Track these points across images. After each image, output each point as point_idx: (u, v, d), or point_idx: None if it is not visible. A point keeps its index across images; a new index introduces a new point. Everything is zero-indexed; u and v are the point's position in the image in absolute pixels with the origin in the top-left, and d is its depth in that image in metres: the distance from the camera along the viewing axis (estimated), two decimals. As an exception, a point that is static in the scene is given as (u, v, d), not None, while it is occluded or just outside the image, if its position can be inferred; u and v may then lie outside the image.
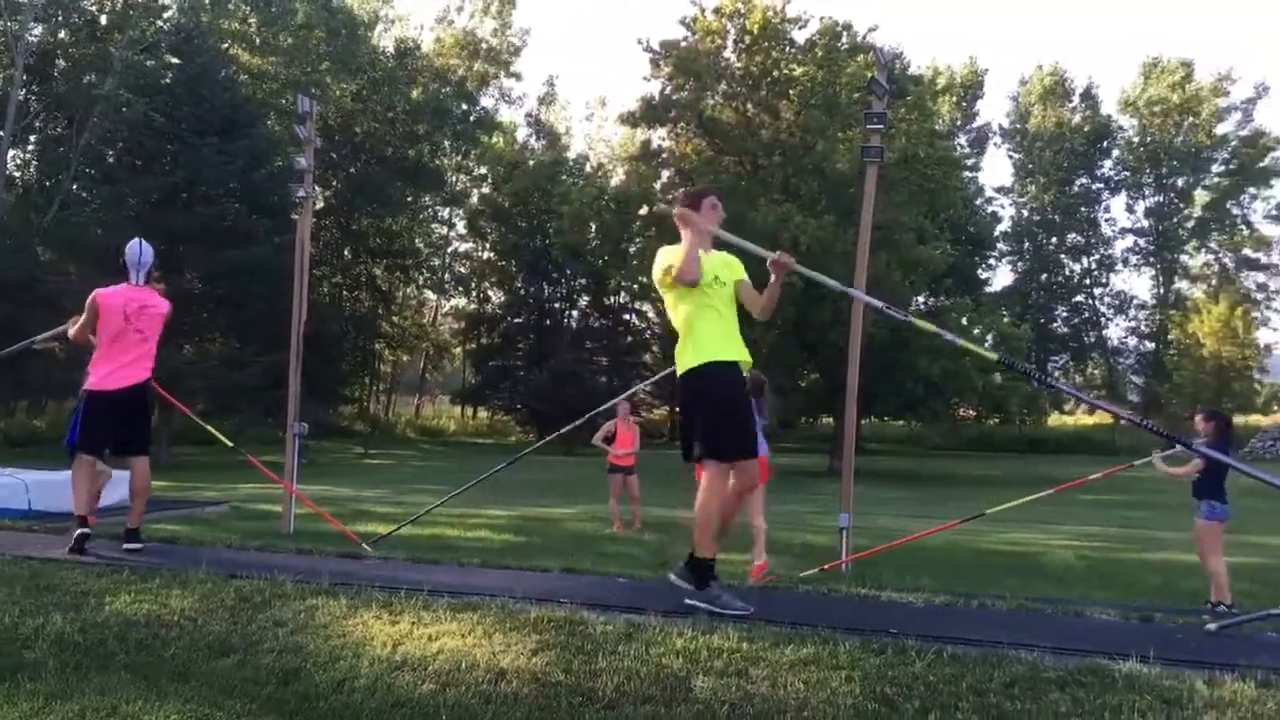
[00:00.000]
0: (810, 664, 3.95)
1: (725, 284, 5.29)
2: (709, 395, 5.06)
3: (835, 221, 30.45)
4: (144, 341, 6.65)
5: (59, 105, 33.63)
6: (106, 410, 6.52)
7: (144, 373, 6.68)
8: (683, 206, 5.43)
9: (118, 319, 6.54)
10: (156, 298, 6.77)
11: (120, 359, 6.55)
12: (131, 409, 6.67)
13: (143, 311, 6.63)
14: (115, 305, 6.56)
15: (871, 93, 9.92)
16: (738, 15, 33.57)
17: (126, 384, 6.58)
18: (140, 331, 6.61)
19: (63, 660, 4.21)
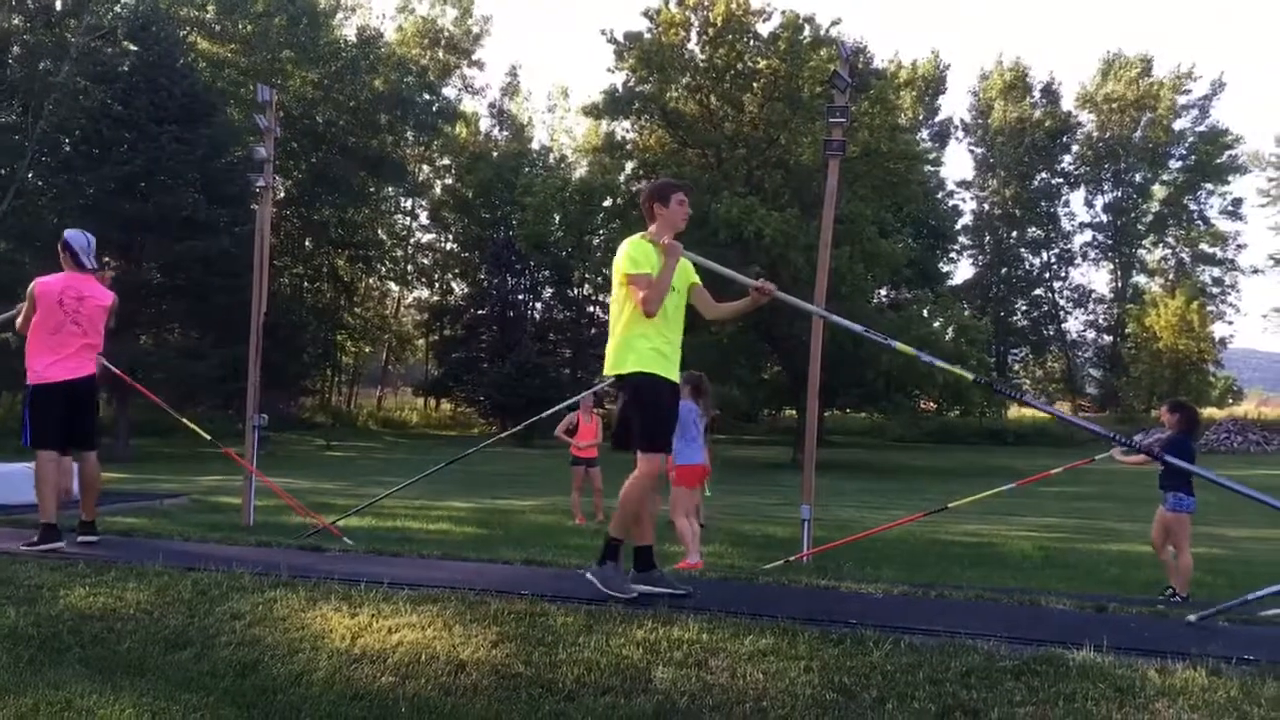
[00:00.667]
0: (769, 654, 3.97)
1: (677, 290, 5.29)
2: (639, 401, 5.12)
3: (798, 214, 30.57)
4: (84, 334, 6.48)
5: (13, 92, 33.06)
6: (53, 403, 6.39)
7: (89, 366, 6.54)
8: (650, 199, 5.42)
9: (55, 310, 6.38)
10: (99, 288, 6.60)
11: (61, 350, 6.39)
12: (79, 402, 6.53)
13: (81, 302, 6.46)
14: (51, 295, 6.39)
15: (834, 87, 9.94)
16: (701, 7, 33.56)
17: (71, 376, 6.43)
18: (78, 324, 6.44)
19: (16, 654, 4.16)
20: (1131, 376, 49.95)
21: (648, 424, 5.09)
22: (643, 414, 5.10)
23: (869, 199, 31.96)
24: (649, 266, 5.11)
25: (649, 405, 5.11)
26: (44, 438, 6.39)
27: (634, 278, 5.09)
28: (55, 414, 6.40)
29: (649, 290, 5.05)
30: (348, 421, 48.98)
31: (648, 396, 5.11)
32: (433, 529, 11.27)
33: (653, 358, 5.12)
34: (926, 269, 44.78)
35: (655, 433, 5.11)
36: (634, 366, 5.10)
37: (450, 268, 54.84)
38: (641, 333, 5.13)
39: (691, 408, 8.62)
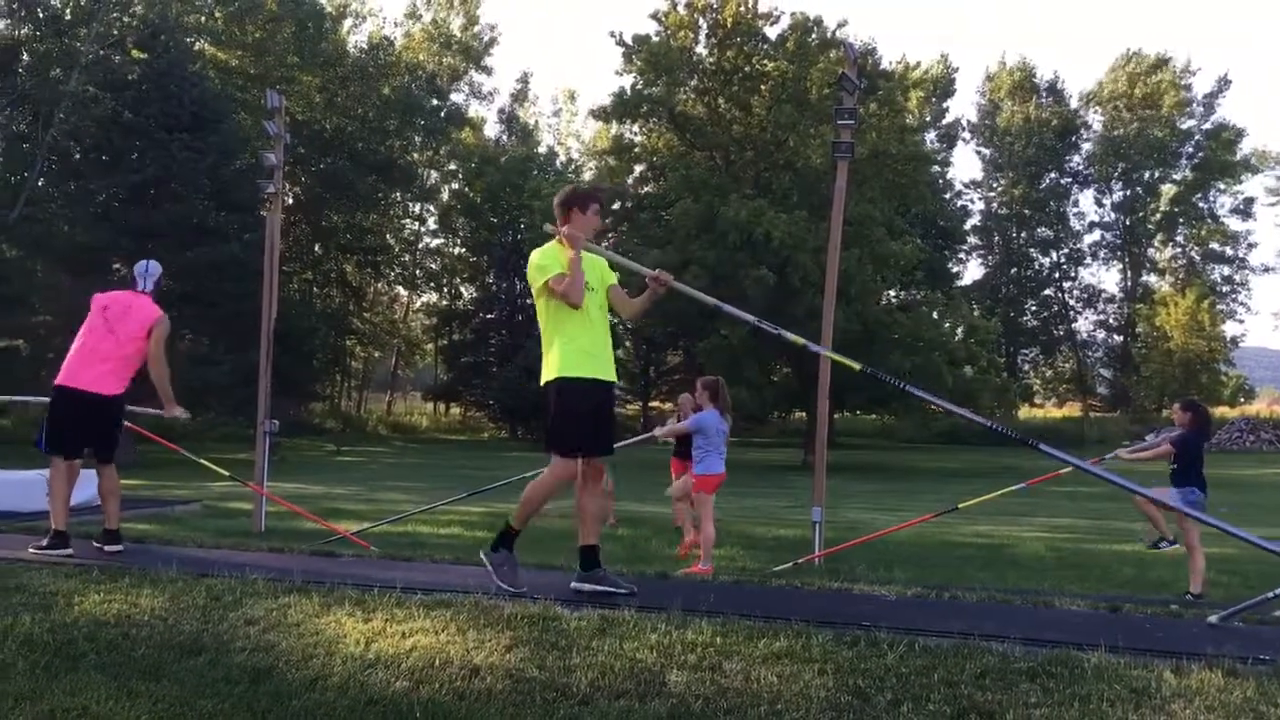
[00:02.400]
0: (783, 657, 3.97)
1: (595, 290, 5.40)
2: (557, 407, 5.27)
3: (807, 216, 30.57)
4: (120, 346, 6.53)
5: (24, 101, 33.19)
6: (74, 408, 6.42)
7: (117, 384, 6.57)
8: (570, 204, 5.54)
9: (98, 318, 6.49)
10: (149, 307, 6.69)
11: (90, 357, 6.45)
12: (100, 415, 6.56)
13: (125, 314, 6.54)
14: (98, 304, 6.54)
15: (842, 88, 9.95)
16: (709, 10, 33.59)
17: (95, 389, 6.46)
18: (115, 334, 6.51)
19: (32, 661, 4.17)
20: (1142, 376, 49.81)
21: (564, 428, 5.25)
22: (562, 419, 5.25)
23: (878, 200, 31.94)
24: (559, 266, 5.26)
25: (568, 410, 5.24)
26: (59, 443, 6.42)
27: (549, 281, 5.24)
28: (72, 419, 6.43)
29: (566, 285, 5.19)
30: (358, 426, 49.06)
31: (568, 402, 5.23)
32: (444, 533, 11.30)
33: (578, 359, 5.25)
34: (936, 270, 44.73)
35: (569, 436, 5.26)
36: (557, 371, 5.25)
37: (459, 272, 54.89)
38: (568, 335, 5.27)
39: (715, 415, 8.62)
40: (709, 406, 8.68)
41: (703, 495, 8.67)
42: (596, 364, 5.30)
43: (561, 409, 5.25)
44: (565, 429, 5.27)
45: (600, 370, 5.31)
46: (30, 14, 34.33)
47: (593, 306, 5.35)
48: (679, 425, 9.49)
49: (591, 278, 5.37)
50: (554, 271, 5.25)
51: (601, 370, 5.32)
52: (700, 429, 8.57)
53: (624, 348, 52.89)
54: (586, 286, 5.30)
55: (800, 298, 30.07)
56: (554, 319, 5.31)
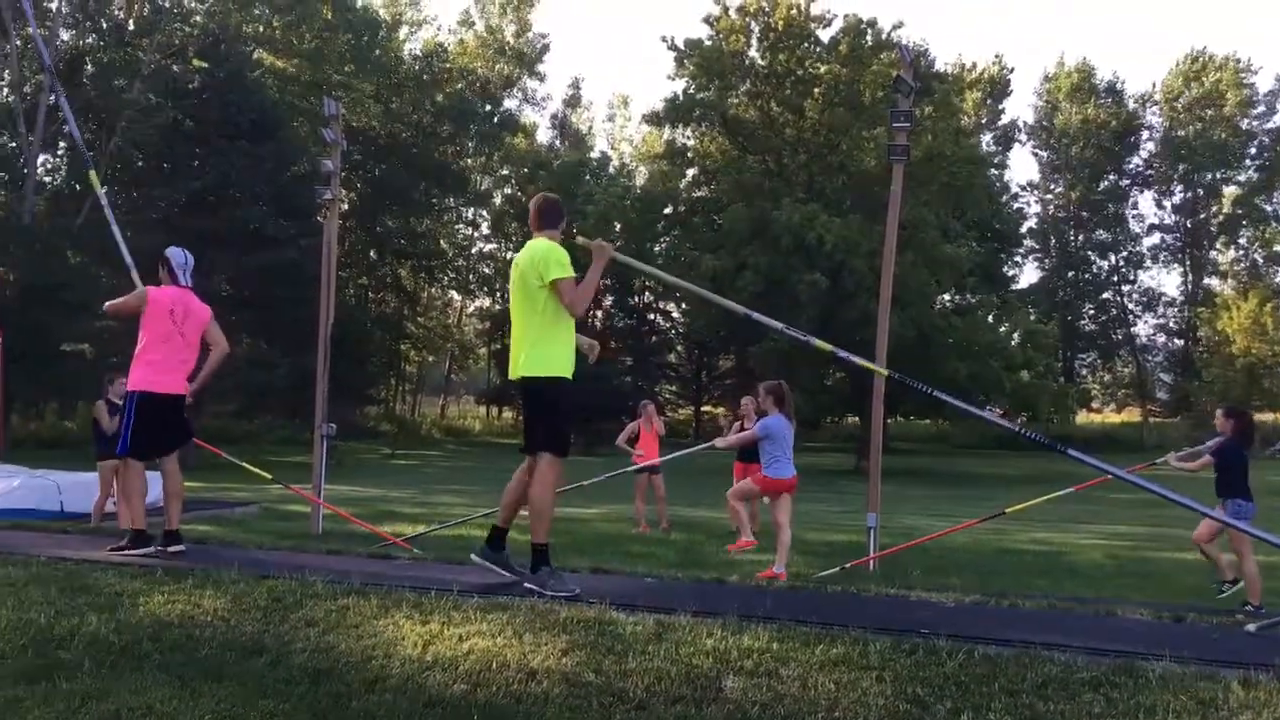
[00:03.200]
0: (841, 664, 3.94)
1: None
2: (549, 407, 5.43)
3: (861, 220, 30.39)
4: (189, 347, 6.66)
5: (89, 110, 33.90)
6: (157, 412, 6.53)
7: (184, 382, 6.71)
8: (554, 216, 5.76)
9: (165, 320, 6.56)
10: (199, 304, 6.80)
11: (169, 360, 6.57)
12: (176, 414, 6.70)
13: (187, 318, 6.64)
14: (163, 305, 6.57)
15: (897, 91, 9.87)
16: (761, 14, 33.51)
17: (174, 390, 6.60)
18: (184, 335, 6.63)
19: (98, 660, 4.25)
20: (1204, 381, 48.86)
21: (558, 428, 5.46)
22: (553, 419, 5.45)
23: (932, 203, 31.67)
24: (575, 270, 5.40)
25: (561, 411, 5.45)
26: (140, 447, 6.54)
27: (564, 282, 5.35)
28: (156, 424, 6.55)
29: (579, 293, 5.38)
30: (412, 430, 49.48)
31: (561, 403, 5.43)
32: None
33: (567, 364, 5.43)
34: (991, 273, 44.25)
35: (563, 436, 5.49)
36: (550, 370, 5.38)
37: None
38: (560, 339, 5.43)
39: (782, 420, 8.57)
40: (774, 411, 8.62)
41: (783, 497, 8.61)
42: (572, 369, 5.48)
43: (565, 409, 5.45)
44: (565, 429, 5.49)
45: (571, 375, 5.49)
46: (95, 25, 35.09)
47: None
48: (745, 434, 9.43)
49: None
50: (572, 275, 5.38)
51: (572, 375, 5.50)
52: (768, 435, 8.51)
53: (676, 352, 52.90)
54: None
55: (854, 302, 29.90)
56: (553, 317, 5.39)
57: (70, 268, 30.11)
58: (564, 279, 5.34)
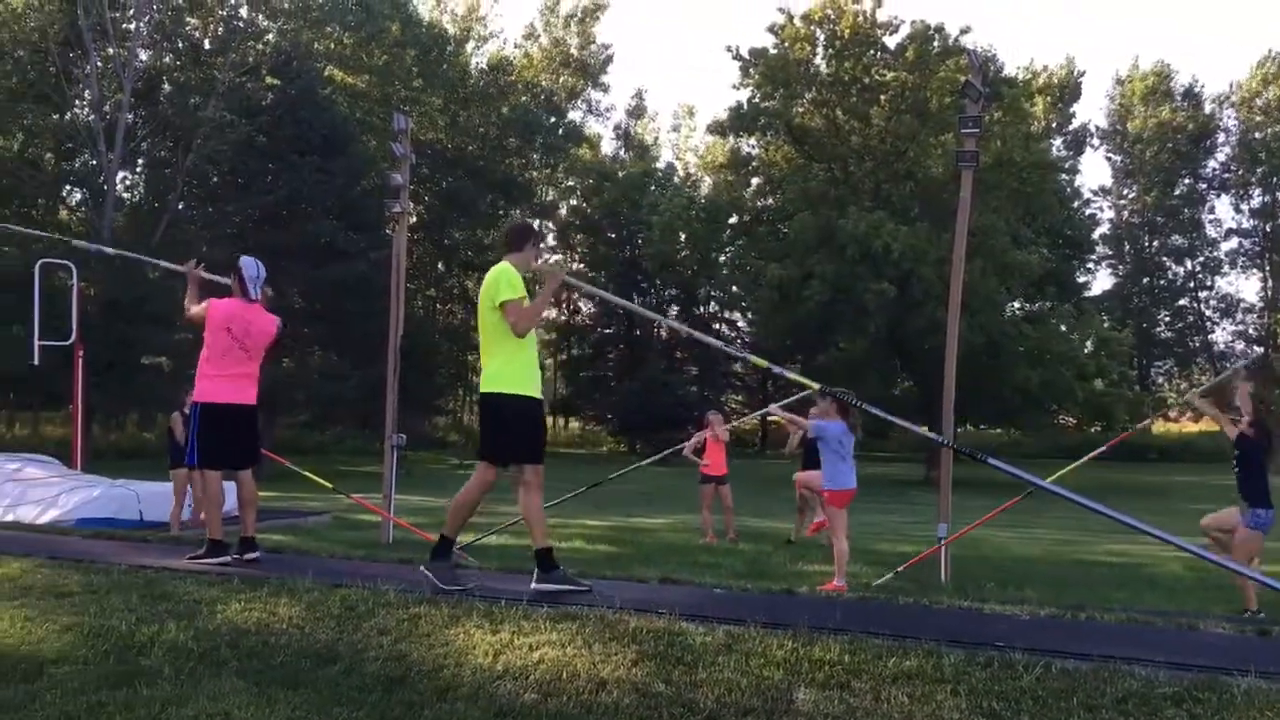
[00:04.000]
0: (914, 677, 3.89)
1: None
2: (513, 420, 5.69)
3: (929, 228, 30.07)
4: (249, 360, 6.75)
5: (166, 127, 34.74)
6: (219, 423, 6.65)
7: (251, 393, 6.81)
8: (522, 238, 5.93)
9: (222, 334, 6.65)
10: (265, 316, 6.87)
11: (226, 374, 6.66)
12: (243, 423, 6.80)
13: (248, 332, 6.73)
14: (220, 320, 6.67)
15: (966, 96, 9.77)
16: (827, 21, 33.35)
17: (235, 400, 6.70)
18: (246, 350, 6.72)
19: (177, 667, 4.34)
20: (1285, 389, 47.51)
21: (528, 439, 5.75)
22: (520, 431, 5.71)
23: (1002, 210, 31.23)
24: (524, 291, 5.65)
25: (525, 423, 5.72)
26: (211, 458, 6.67)
27: (511, 303, 5.58)
28: (222, 435, 6.66)
29: (525, 313, 5.59)
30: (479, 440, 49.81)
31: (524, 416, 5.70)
32: (566, 547, 11.37)
33: (526, 380, 5.68)
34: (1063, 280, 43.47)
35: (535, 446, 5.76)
36: (509, 387, 5.64)
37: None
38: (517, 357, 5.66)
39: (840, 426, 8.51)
40: (835, 420, 8.58)
41: (834, 510, 8.55)
42: (535, 386, 5.75)
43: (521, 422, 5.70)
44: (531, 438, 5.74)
45: (537, 392, 5.76)
46: (172, 45, 35.96)
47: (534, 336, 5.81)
48: (801, 420, 9.44)
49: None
50: (520, 296, 5.60)
51: (537, 392, 5.77)
52: (821, 435, 8.46)
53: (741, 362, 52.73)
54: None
55: (922, 310, 29.58)
56: (505, 342, 5.64)
57: (149, 282, 30.80)
58: (511, 300, 5.57)
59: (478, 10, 52.59)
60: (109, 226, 31.71)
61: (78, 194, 37.78)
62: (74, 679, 4.27)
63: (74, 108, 34.58)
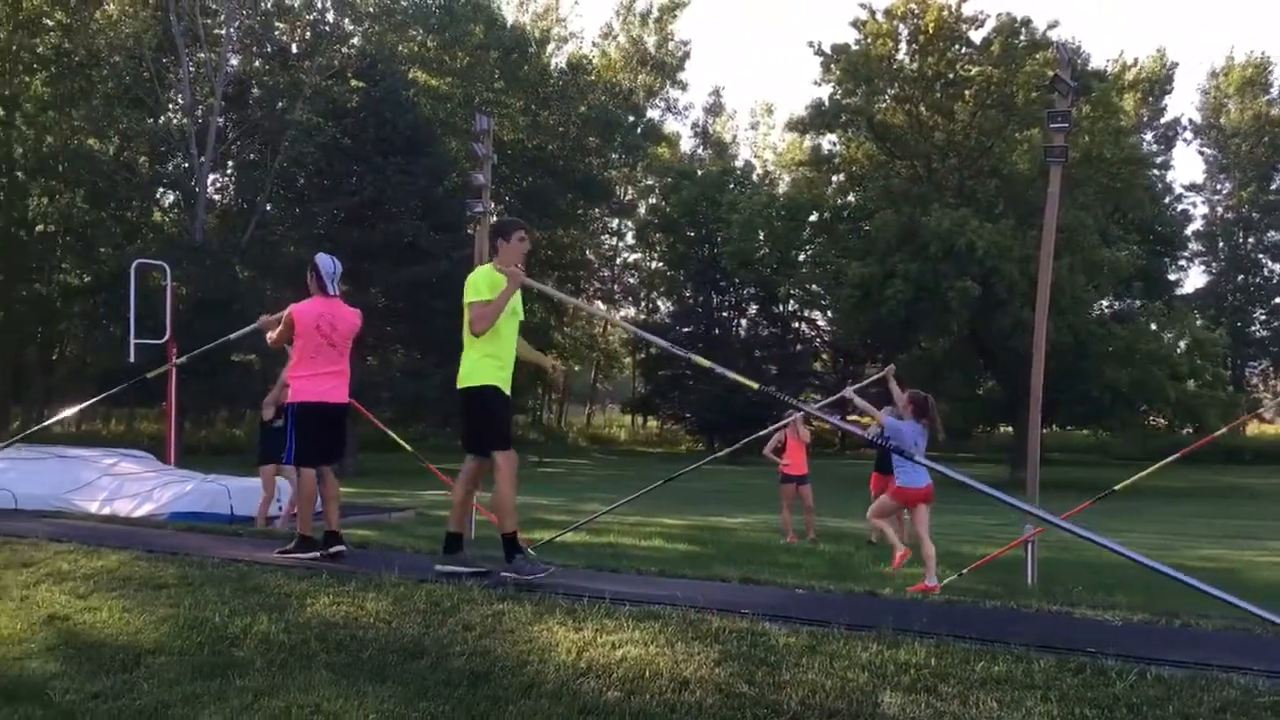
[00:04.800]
0: (1003, 682, 3.82)
1: (517, 313, 6.14)
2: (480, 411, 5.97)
3: (1014, 225, 29.55)
4: (340, 356, 6.87)
5: (254, 131, 35.56)
6: (317, 421, 6.77)
7: (344, 389, 6.93)
8: (494, 236, 6.21)
9: (313, 335, 6.75)
10: (348, 310, 6.98)
11: (320, 372, 6.77)
12: (336, 422, 6.94)
13: (335, 328, 6.83)
14: (309, 320, 6.76)
15: (1054, 91, 9.57)
16: (911, 16, 32.94)
17: (331, 399, 6.82)
18: (335, 346, 6.82)
19: (269, 659, 4.43)
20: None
21: (493, 428, 5.97)
22: (485, 420, 5.98)
23: (1090, 206, 30.56)
24: (489, 293, 5.85)
25: (491, 412, 5.95)
26: (307, 455, 6.80)
27: (473, 304, 5.86)
28: (317, 432, 6.79)
29: (481, 311, 5.82)
30: (558, 438, 50.18)
31: (489, 405, 5.93)
32: (645, 545, 11.41)
33: (493, 370, 5.93)
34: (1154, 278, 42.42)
35: (500, 434, 5.96)
36: (477, 380, 5.92)
37: (656, 286, 55.51)
38: (482, 350, 5.93)
39: (913, 427, 8.41)
40: (910, 420, 8.49)
41: (920, 508, 8.47)
42: (505, 377, 6.01)
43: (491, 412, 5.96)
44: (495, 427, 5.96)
45: (506, 383, 6.01)
46: (261, 49, 36.81)
47: (507, 330, 6.03)
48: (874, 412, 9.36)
49: (519, 303, 6.12)
50: (483, 297, 5.85)
51: (507, 384, 6.02)
52: (894, 435, 8.37)
53: (821, 361, 52.32)
54: (513, 313, 6.04)
55: (1007, 309, 29.08)
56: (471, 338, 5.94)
57: (238, 282, 31.57)
58: (474, 301, 5.86)
59: (556, 10, 52.97)
60: (201, 228, 32.55)
61: (170, 196, 38.86)
62: (170, 669, 4.40)
63: (167, 112, 35.56)
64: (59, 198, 35.14)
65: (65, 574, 6.00)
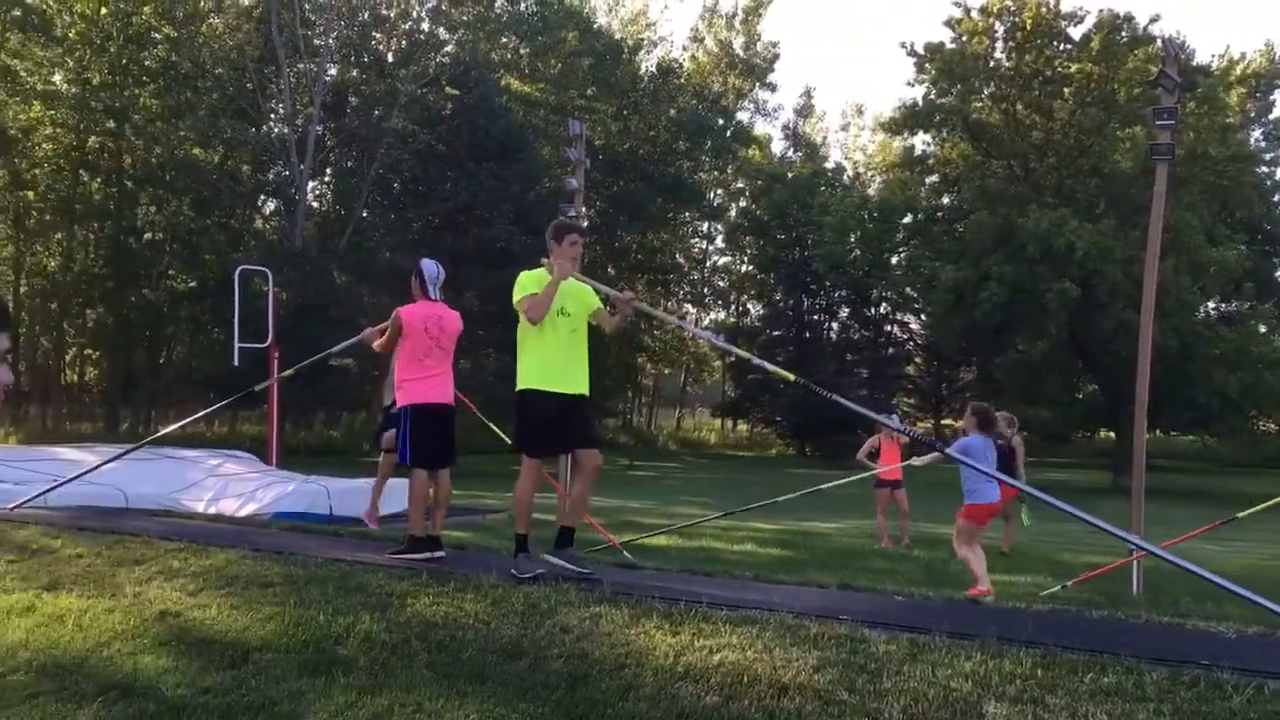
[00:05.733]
0: (1113, 694, 3.72)
1: (570, 314, 6.15)
2: (521, 416, 6.22)
3: (1115, 225, 28.81)
4: (446, 356, 7.02)
5: (352, 139, 36.31)
6: (430, 422, 6.92)
7: (451, 394, 7.08)
8: (550, 237, 6.34)
9: (422, 337, 6.91)
10: (451, 312, 7.14)
11: (430, 373, 6.92)
12: (447, 423, 7.09)
13: (442, 327, 6.99)
14: (417, 323, 6.92)
15: (1159, 87, 9.31)
16: (1007, 14, 32.35)
17: (441, 400, 6.97)
18: (442, 347, 6.98)
19: (371, 657, 4.51)
20: None
21: (526, 433, 6.17)
22: (521, 425, 6.21)
23: (1196, 205, 29.66)
24: (535, 289, 6.04)
25: (528, 418, 6.13)
26: (421, 456, 6.93)
27: (521, 300, 6.06)
28: (431, 433, 6.93)
29: (530, 303, 5.98)
30: (649, 441, 50.23)
31: (528, 411, 6.10)
32: (737, 549, 11.35)
33: (541, 375, 6.04)
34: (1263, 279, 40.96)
35: (530, 440, 6.14)
36: (522, 384, 6.13)
37: (746, 289, 55.34)
38: (532, 353, 6.10)
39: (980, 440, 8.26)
40: (975, 433, 8.35)
41: (970, 525, 8.33)
42: (559, 380, 6.06)
43: (527, 416, 6.14)
44: (531, 433, 6.14)
45: (562, 385, 6.06)
46: (358, 59, 37.58)
47: (564, 328, 6.10)
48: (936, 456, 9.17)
49: (569, 303, 6.13)
50: (528, 293, 6.05)
51: (564, 385, 6.07)
52: (966, 453, 8.20)
53: (914, 364, 51.59)
54: (563, 311, 6.06)
55: (1108, 311, 28.37)
56: (524, 335, 6.16)
57: (336, 287, 32.22)
58: (524, 298, 6.06)
59: (645, 15, 53.09)
60: (300, 235, 33.30)
61: (271, 204, 39.88)
62: (276, 666, 4.49)
63: (269, 121, 36.49)
64: (166, 206, 36.26)
65: (175, 571, 6.17)
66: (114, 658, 4.75)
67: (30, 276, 35.83)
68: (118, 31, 33.37)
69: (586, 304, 6.31)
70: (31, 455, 14.02)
